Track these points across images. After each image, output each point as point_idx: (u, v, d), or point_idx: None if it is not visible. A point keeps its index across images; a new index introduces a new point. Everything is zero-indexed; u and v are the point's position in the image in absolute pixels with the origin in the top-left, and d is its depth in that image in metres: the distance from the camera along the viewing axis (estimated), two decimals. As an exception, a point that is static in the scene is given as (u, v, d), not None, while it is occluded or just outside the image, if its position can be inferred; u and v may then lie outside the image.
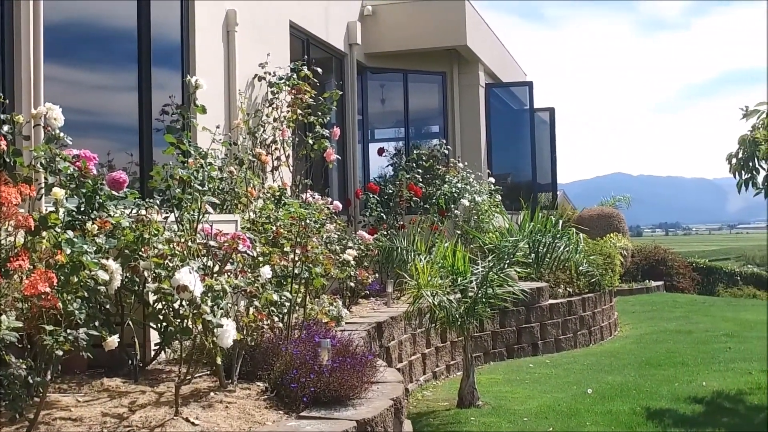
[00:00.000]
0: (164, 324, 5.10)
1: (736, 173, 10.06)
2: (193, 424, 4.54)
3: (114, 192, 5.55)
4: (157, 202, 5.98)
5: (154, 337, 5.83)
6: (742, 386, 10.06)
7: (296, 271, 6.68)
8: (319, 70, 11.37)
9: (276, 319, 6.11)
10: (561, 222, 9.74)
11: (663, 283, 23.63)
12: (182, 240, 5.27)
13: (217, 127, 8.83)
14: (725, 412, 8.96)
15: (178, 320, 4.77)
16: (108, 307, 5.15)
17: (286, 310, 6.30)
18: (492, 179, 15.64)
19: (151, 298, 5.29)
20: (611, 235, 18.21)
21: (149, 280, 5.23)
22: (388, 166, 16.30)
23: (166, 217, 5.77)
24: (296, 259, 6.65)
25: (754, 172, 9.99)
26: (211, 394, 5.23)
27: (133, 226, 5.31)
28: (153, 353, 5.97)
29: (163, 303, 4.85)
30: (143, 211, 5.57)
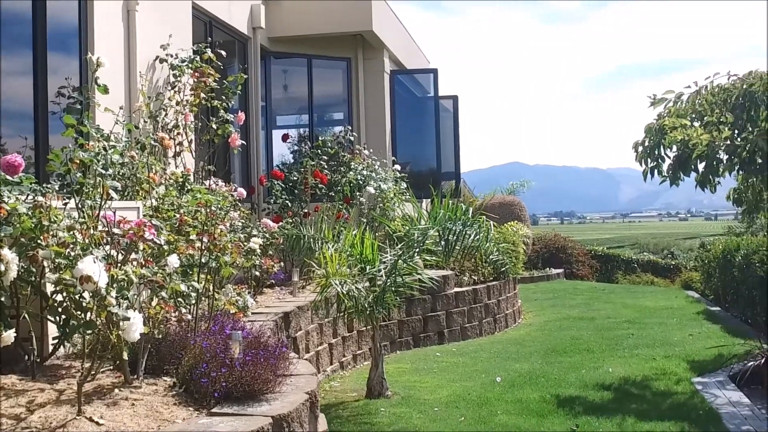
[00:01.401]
0: (65, 317, 4.79)
1: (642, 161, 10.14)
2: (97, 423, 4.26)
3: (8, 177, 5.19)
4: (56, 187, 5.64)
5: (53, 330, 5.49)
6: (647, 372, 10.20)
7: (203, 260, 6.41)
8: (223, 53, 11.04)
9: (184, 310, 5.84)
10: (471, 210, 9.66)
11: (563, 270, 23.96)
12: (84, 227, 4.95)
13: (121, 108, 8.47)
14: (633, 398, 9.04)
15: (81, 313, 4.48)
16: (2, 299, 4.82)
17: (193, 301, 6.04)
18: (398, 167, 15.54)
19: (50, 289, 4.98)
20: (512, 223, 18.33)
21: (49, 270, 4.90)
22: (292, 152, 16.04)
23: (66, 203, 5.43)
24: (203, 247, 6.38)
25: (659, 161, 10.08)
26: (116, 390, 4.94)
27: (31, 212, 4.96)
28: (51, 348, 5.62)
29: (65, 295, 4.54)
30: (41, 197, 5.22)
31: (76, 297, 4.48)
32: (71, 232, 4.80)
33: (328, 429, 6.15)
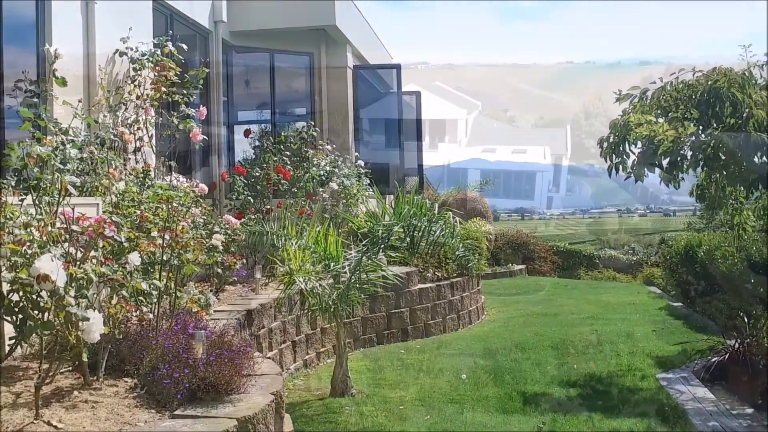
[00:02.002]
0: (21, 317, 4.63)
1: (607, 157, 10.11)
2: (56, 427, 4.12)
3: (-38, 172, 5.02)
4: (12, 183, 5.47)
5: (9, 330, 5.32)
6: (612, 368, 10.20)
7: (165, 257, 6.26)
8: (184, 46, 10.84)
9: (145, 309, 5.70)
10: (437, 206, 9.56)
11: (525, 266, 23.98)
12: (42, 224, 4.79)
13: (80, 101, 8.27)
14: (599, 395, 9.02)
15: (38, 313, 4.32)
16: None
17: (155, 300, 5.89)
18: (361, 162, 15.42)
19: (5, 288, 4.81)
20: (475, 219, 18.31)
21: (4, 269, 4.73)
22: (254, 148, 15.85)
23: (23, 200, 5.27)
24: (165, 244, 6.23)
25: (624, 157, 10.05)
26: (75, 392, 4.79)
27: (-15, 209, 4.79)
28: (8, 349, 5.44)
29: (21, 294, 4.38)
30: (-4, 194, 5.05)
31: (34, 296, 4.33)
32: (28, 230, 4.65)
33: (293, 429, 6.05)
